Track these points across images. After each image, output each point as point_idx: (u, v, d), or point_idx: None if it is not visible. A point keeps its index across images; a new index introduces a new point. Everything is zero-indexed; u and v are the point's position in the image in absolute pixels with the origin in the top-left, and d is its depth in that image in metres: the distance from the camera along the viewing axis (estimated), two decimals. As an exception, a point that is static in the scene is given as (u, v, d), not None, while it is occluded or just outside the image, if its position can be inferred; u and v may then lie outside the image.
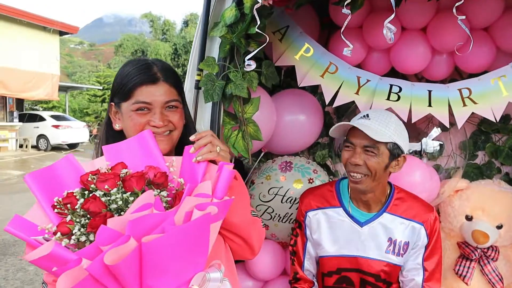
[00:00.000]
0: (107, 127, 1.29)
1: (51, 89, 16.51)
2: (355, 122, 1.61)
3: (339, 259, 1.72)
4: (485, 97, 1.92)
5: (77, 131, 17.39)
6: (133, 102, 1.18)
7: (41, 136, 16.70)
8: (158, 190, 1.02)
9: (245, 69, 1.67)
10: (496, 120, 1.88)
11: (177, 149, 1.29)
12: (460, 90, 1.96)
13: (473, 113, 1.94)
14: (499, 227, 2.16)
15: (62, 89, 20.21)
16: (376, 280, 1.71)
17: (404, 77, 2.30)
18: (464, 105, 1.94)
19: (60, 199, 1.00)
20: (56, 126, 16.62)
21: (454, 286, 2.15)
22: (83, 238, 0.94)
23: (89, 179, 1.02)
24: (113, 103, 1.26)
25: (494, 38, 2.11)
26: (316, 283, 1.80)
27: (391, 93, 1.99)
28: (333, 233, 1.73)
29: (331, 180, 2.18)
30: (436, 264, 1.71)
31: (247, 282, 2.20)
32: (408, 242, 1.69)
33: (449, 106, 1.94)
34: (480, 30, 2.10)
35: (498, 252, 2.15)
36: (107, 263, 0.82)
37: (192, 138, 1.16)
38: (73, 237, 0.94)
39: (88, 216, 0.95)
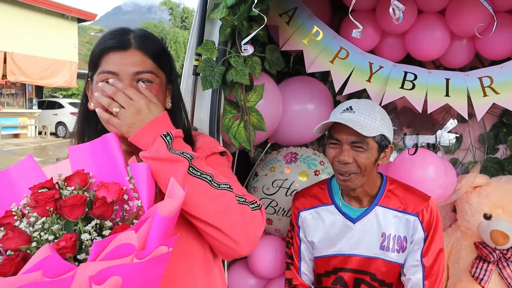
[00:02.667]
0: (83, 107, 1.08)
1: (69, 77, 16.62)
2: (339, 116, 1.46)
3: (334, 259, 1.62)
4: (508, 86, 1.77)
5: (95, 118, 17.51)
6: (99, 72, 0.99)
7: (59, 123, 16.89)
8: (91, 229, 0.80)
9: (242, 54, 1.55)
10: (520, 111, 1.73)
11: None
12: (480, 78, 1.81)
13: (494, 104, 1.79)
14: (520, 226, 2.01)
15: (81, 76, 20.36)
16: (372, 279, 1.58)
17: (420, 64, 2.14)
18: (485, 95, 1.79)
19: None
20: (74, 113, 16.75)
21: (470, 288, 2.02)
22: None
23: (24, 199, 0.85)
24: (89, 79, 1.05)
25: (520, 21, 1.94)
26: (312, 287, 1.70)
27: (406, 81, 1.85)
28: (326, 232, 1.62)
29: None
30: (435, 260, 1.55)
31: (249, 280, 2.10)
32: (405, 236, 1.55)
33: (468, 96, 1.80)
34: (504, 13, 1.93)
35: (519, 254, 2.01)
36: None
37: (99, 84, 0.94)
38: None
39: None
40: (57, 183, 0.89)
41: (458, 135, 2.16)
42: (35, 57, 14.82)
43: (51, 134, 16.56)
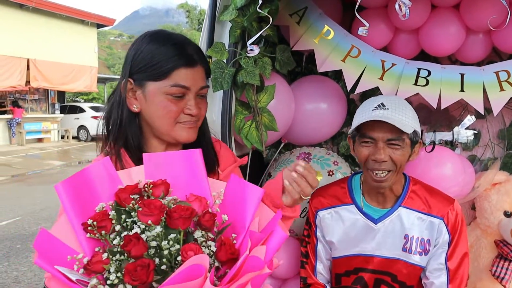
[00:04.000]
0: (122, 107, 1.11)
1: (90, 81, 16.94)
2: (372, 114, 1.42)
3: (355, 259, 1.59)
4: (526, 80, 1.72)
5: (115, 121, 17.79)
6: (171, 84, 1.05)
7: (81, 127, 17.23)
8: (202, 239, 0.87)
9: (247, 54, 1.55)
10: (538, 106, 1.68)
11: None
12: (497, 73, 1.77)
13: (512, 98, 1.75)
14: (542, 224, 1.96)
15: (101, 80, 20.72)
16: (392, 281, 1.56)
17: (436, 60, 2.11)
18: (502, 89, 1.75)
19: (95, 223, 0.86)
20: (96, 117, 17.05)
21: (490, 288, 1.97)
22: (120, 287, 0.81)
23: (131, 204, 0.90)
24: (131, 80, 1.09)
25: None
26: (328, 287, 1.68)
27: (419, 78, 1.82)
28: (346, 232, 1.59)
29: (352, 172, 2.04)
30: (459, 264, 1.52)
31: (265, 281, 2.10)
32: (429, 239, 1.52)
33: (484, 90, 1.75)
34: (521, 5, 1.88)
35: (541, 252, 1.95)
36: None
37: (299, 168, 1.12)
38: (108, 282, 0.81)
39: (125, 254, 0.82)
40: (143, 189, 0.93)
41: (476, 132, 2.12)
42: (56, 63, 15.15)
43: (73, 138, 16.89)
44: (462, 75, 1.79)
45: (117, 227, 0.87)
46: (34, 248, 0.87)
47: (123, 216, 0.88)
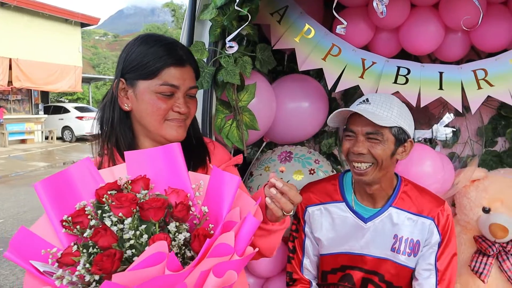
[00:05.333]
0: (113, 107, 1.16)
1: (74, 81, 16.74)
2: (355, 108, 1.47)
3: (342, 256, 1.59)
4: (503, 78, 1.76)
5: (100, 122, 17.61)
6: (160, 83, 1.09)
7: (66, 128, 17.02)
8: (174, 229, 0.89)
9: (226, 51, 1.55)
10: (514, 103, 1.71)
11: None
12: (474, 71, 1.80)
13: (491, 96, 1.78)
14: (520, 219, 1.99)
15: (86, 80, 20.49)
16: (380, 280, 1.57)
17: (416, 59, 2.13)
18: (479, 87, 1.77)
19: (70, 218, 0.90)
20: (80, 118, 16.89)
21: (470, 283, 2.00)
22: (87, 278, 0.83)
23: (104, 198, 0.92)
24: (123, 79, 1.14)
25: (514, 13, 1.92)
26: (313, 283, 1.68)
27: (399, 76, 1.84)
28: (335, 230, 1.59)
29: (334, 171, 2.05)
30: (448, 264, 1.54)
31: (248, 279, 2.10)
32: (419, 240, 1.53)
33: (463, 89, 1.78)
34: (499, 4, 1.91)
35: (519, 247, 1.98)
36: None
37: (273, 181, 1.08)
38: (76, 272, 0.84)
39: (97, 247, 0.86)
40: (123, 185, 0.96)
41: (455, 129, 2.14)
42: (40, 63, 14.94)
43: (58, 138, 16.67)
44: (441, 73, 1.81)
45: (92, 222, 0.89)
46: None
47: (99, 212, 0.91)
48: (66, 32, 16.62)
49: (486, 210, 2.03)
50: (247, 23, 1.50)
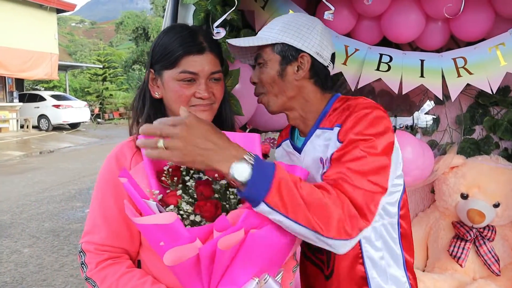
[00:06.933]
0: (145, 94, 1.25)
1: (50, 69, 16.36)
2: (238, 41, 1.27)
3: None
4: (481, 67, 1.79)
5: (78, 110, 17.32)
6: (180, 71, 1.15)
7: (42, 116, 16.66)
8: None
9: (214, 37, 1.53)
10: (492, 92, 1.76)
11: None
12: (454, 59, 1.83)
13: (469, 84, 1.81)
14: (496, 205, 2.05)
15: (62, 68, 20.05)
16: None
17: (397, 46, 2.15)
18: (459, 75, 1.81)
19: (170, 169, 1.03)
20: (57, 106, 16.55)
21: (448, 267, 2.06)
22: (191, 217, 0.97)
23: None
24: (152, 70, 1.21)
25: (492, 2, 1.95)
26: None
27: (381, 63, 1.87)
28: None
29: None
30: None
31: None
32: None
33: (443, 77, 1.81)
34: (477, -7, 1.94)
35: (495, 232, 2.05)
36: (220, 248, 0.86)
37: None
38: (180, 211, 0.97)
39: (195, 196, 0.99)
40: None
41: (435, 117, 2.18)
42: (14, 49, 14.53)
43: (34, 127, 16.31)
44: (422, 61, 1.84)
45: (187, 178, 1.03)
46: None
47: (191, 171, 1.05)
48: (41, 18, 16.19)
49: (464, 196, 2.08)
50: (233, 8, 1.48)
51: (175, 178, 1.03)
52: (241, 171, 0.89)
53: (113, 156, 1.18)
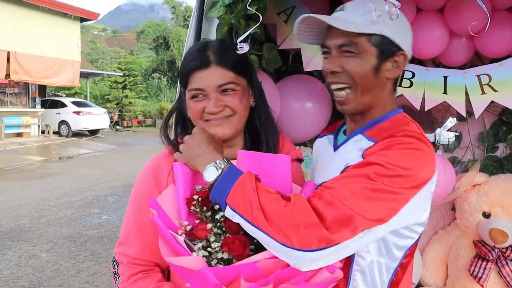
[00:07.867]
0: (178, 111, 1.28)
1: (72, 76, 16.69)
2: (321, 16, 1.14)
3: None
4: (507, 84, 1.77)
5: (98, 117, 17.61)
6: (189, 89, 1.17)
7: (62, 122, 16.98)
8: None
9: (237, 52, 1.55)
10: (517, 109, 1.72)
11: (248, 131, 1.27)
12: (478, 76, 1.81)
13: (493, 101, 1.79)
14: (520, 225, 2.00)
15: (84, 75, 20.43)
16: None
17: (420, 62, 2.14)
18: (483, 92, 1.79)
19: (200, 198, 1.02)
20: (77, 112, 16.85)
21: (469, 287, 2.01)
22: (218, 255, 0.97)
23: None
24: (182, 89, 1.25)
25: (518, 19, 1.93)
26: None
27: (403, 79, 1.85)
28: (315, 163, 1.37)
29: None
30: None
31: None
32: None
33: (467, 93, 1.79)
34: (503, 10, 1.92)
35: (518, 253, 2.00)
36: None
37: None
38: (208, 248, 0.97)
39: (223, 230, 0.99)
40: None
41: (457, 134, 2.15)
42: (38, 57, 14.88)
43: (54, 133, 16.62)
44: (445, 77, 1.83)
45: (216, 206, 1.03)
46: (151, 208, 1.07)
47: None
48: (65, 26, 16.58)
49: (486, 215, 2.04)
50: (258, 23, 1.50)
51: (205, 208, 1.03)
52: (210, 173, 1.03)
53: (150, 170, 1.20)
